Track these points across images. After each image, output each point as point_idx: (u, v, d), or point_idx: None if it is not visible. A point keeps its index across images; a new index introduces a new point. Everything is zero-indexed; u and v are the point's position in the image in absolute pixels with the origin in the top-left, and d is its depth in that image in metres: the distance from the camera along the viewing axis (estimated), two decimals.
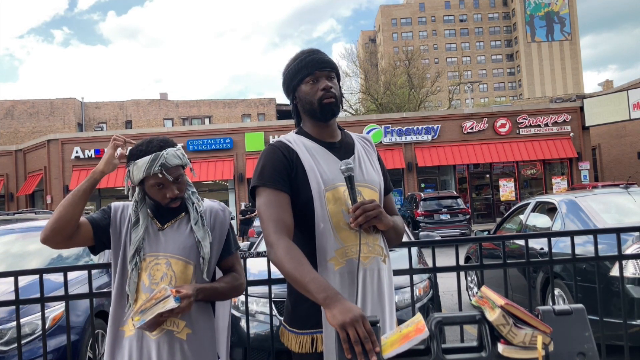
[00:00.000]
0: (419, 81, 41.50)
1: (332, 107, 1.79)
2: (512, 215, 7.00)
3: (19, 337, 2.75)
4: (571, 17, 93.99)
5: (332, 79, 1.83)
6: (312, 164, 1.75)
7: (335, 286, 1.64)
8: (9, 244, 4.85)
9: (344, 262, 1.70)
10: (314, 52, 1.84)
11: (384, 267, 1.79)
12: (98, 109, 40.69)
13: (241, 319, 4.13)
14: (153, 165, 1.88)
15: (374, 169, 1.89)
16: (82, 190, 1.91)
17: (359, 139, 1.96)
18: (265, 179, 1.73)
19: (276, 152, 1.77)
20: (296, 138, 1.83)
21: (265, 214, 1.69)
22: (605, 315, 3.29)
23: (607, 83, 44.80)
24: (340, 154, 1.81)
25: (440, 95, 55.75)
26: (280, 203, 1.70)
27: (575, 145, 23.94)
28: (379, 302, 1.73)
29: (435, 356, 1.31)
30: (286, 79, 1.86)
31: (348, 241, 1.71)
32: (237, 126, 25.39)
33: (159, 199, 1.94)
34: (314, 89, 1.79)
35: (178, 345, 1.88)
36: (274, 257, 1.63)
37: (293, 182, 1.74)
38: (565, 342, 1.28)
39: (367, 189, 1.80)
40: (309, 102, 1.80)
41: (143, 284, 1.92)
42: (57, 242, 1.89)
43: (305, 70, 1.80)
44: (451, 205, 17.29)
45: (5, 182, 26.36)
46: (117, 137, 1.99)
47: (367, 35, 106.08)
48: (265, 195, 1.71)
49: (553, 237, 3.49)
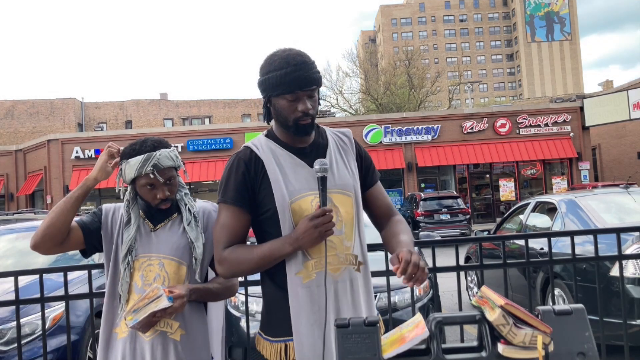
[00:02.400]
0: (419, 81, 41.49)
1: (307, 128, 1.71)
2: (512, 215, 7.00)
3: (19, 337, 2.75)
4: (571, 17, 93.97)
5: (313, 96, 1.72)
6: (277, 175, 1.69)
7: (305, 300, 1.64)
8: (14, 241, 4.87)
9: (313, 275, 1.66)
10: (300, 66, 1.66)
11: (358, 276, 1.73)
12: (98, 109, 40.70)
13: (241, 319, 4.13)
14: (145, 165, 1.87)
15: (349, 171, 1.79)
16: (75, 198, 1.89)
17: (334, 136, 1.86)
18: (226, 195, 1.72)
19: (239, 166, 1.72)
20: (264, 144, 1.76)
21: (217, 234, 1.73)
22: (605, 315, 3.29)
23: (607, 83, 44.78)
24: (310, 160, 1.72)
25: (440, 95, 55.71)
26: (236, 225, 1.71)
27: (575, 145, 23.94)
28: (355, 314, 1.70)
29: (435, 356, 1.31)
30: (265, 85, 1.71)
31: (316, 253, 1.66)
32: (237, 126, 25.40)
33: (149, 199, 1.93)
34: (292, 107, 1.69)
35: (172, 346, 1.88)
36: (228, 267, 1.70)
37: (257, 195, 1.71)
38: (565, 342, 1.27)
39: (339, 195, 1.73)
40: (284, 117, 1.71)
41: (136, 285, 1.91)
42: (48, 249, 1.89)
43: (287, 87, 1.66)
44: (451, 205, 17.30)
45: (5, 182, 26.36)
46: (111, 145, 1.96)
47: (367, 35, 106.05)
48: (224, 214, 1.72)
49: (553, 237, 3.49)
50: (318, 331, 1.62)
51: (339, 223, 1.71)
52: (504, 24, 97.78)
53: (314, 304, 1.64)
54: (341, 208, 1.73)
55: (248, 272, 1.75)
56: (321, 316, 1.63)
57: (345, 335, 1.34)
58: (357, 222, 1.78)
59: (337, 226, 1.69)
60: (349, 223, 1.74)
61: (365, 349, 1.31)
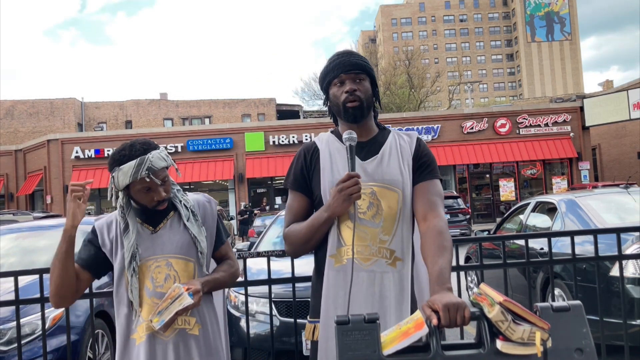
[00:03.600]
0: (419, 81, 41.54)
1: (355, 111, 1.83)
2: (512, 215, 7.01)
3: (19, 337, 2.76)
4: (571, 17, 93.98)
5: (361, 81, 1.86)
6: (327, 163, 1.84)
7: (334, 283, 1.74)
8: (15, 240, 4.88)
9: (344, 261, 1.73)
10: (343, 54, 1.90)
11: (392, 270, 1.73)
12: (98, 109, 40.70)
13: (241, 318, 4.13)
14: (140, 170, 1.84)
15: (401, 169, 1.81)
16: (64, 252, 1.84)
17: (397, 136, 1.92)
18: (287, 180, 1.93)
19: (300, 155, 1.92)
20: (326, 137, 1.94)
21: (285, 217, 1.92)
22: (605, 315, 3.29)
23: (607, 83, 44.80)
24: (363, 154, 1.84)
25: (440, 95, 55.74)
26: (296, 206, 1.88)
27: (575, 145, 23.94)
28: (380, 308, 1.70)
29: (435, 352, 1.31)
30: (320, 80, 1.96)
31: (349, 241, 1.73)
32: (237, 126, 25.39)
33: (146, 202, 1.91)
34: (339, 92, 1.86)
35: (193, 342, 1.90)
36: (289, 243, 1.86)
37: (311, 181, 1.88)
38: (563, 339, 1.28)
39: (384, 190, 1.78)
40: (335, 104, 1.88)
41: (147, 289, 1.90)
42: (69, 301, 1.95)
43: (332, 73, 1.87)
44: (451, 205, 17.28)
45: (5, 182, 26.37)
46: (73, 187, 1.85)
47: (367, 35, 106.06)
48: (289, 197, 1.92)
49: (553, 237, 3.49)
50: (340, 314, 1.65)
51: (378, 216, 1.76)
52: (504, 24, 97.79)
53: (339, 289, 1.72)
54: (383, 202, 1.78)
55: (303, 244, 1.82)
56: (345, 301, 1.69)
57: (345, 332, 1.34)
58: (401, 219, 1.78)
59: (375, 219, 1.76)
60: (389, 218, 1.77)
61: (365, 346, 1.32)
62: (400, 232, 1.78)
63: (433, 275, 1.57)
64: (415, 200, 1.82)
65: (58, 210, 23.25)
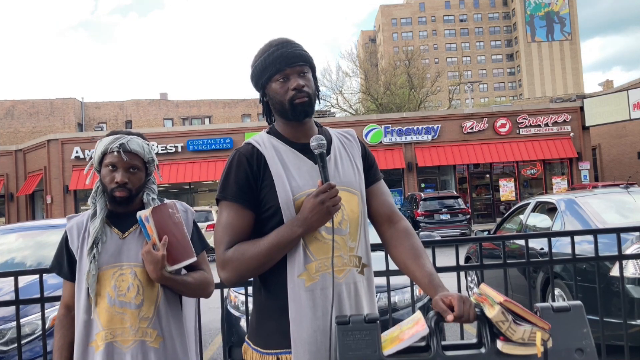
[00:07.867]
0: (419, 81, 41.52)
1: (305, 107, 1.62)
2: (512, 215, 7.01)
3: (19, 337, 2.76)
4: (571, 17, 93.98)
5: (305, 75, 1.65)
6: (280, 171, 1.60)
7: (308, 305, 1.53)
8: (26, 237, 4.90)
9: (316, 278, 1.55)
10: (283, 44, 1.64)
11: (361, 278, 1.64)
12: (98, 109, 40.73)
13: (241, 318, 4.13)
14: (113, 143, 1.90)
15: (354, 169, 1.71)
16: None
17: (339, 135, 1.78)
18: (227, 191, 1.62)
19: (241, 162, 1.62)
20: (266, 140, 1.67)
21: (217, 236, 1.60)
22: (605, 315, 3.29)
23: (607, 83, 44.81)
24: (313, 156, 1.62)
25: (440, 95, 55.74)
26: (239, 222, 1.59)
27: (575, 145, 23.95)
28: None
29: (435, 353, 1.31)
30: (254, 74, 1.68)
31: (320, 254, 1.56)
32: (237, 126, 25.41)
33: (107, 182, 1.89)
34: (284, 88, 1.62)
35: (153, 355, 1.85)
36: (233, 268, 1.55)
37: (259, 192, 1.61)
38: (563, 339, 1.28)
39: (344, 193, 1.63)
40: (279, 102, 1.63)
41: (109, 297, 1.85)
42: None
43: (273, 66, 1.62)
44: (451, 205, 17.29)
45: (5, 182, 26.37)
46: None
47: (367, 35, 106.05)
48: (225, 212, 1.61)
49: (553, 237, 3.49)
50: (322, 338, 1.52)
51: (344, 222, 1.62)
52: (504, 24, 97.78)
53: (317, 309, 1.53)
54: (346, 206, 1.63)
55: (257, 268, 1.55)
56: (326, 322, 1.53)
57: (345, 332, 1.34)
58: (363, 222, 1.68)
59: (342, 225, 1.61)
60: (354, 222, 1.64)
61: (365, 346, 1.32)
62: (363, 236, 1.68)
63: (424, 279, 1.55)
64: (372, 202, 1.74)
65: (58, 210, 23.28)
